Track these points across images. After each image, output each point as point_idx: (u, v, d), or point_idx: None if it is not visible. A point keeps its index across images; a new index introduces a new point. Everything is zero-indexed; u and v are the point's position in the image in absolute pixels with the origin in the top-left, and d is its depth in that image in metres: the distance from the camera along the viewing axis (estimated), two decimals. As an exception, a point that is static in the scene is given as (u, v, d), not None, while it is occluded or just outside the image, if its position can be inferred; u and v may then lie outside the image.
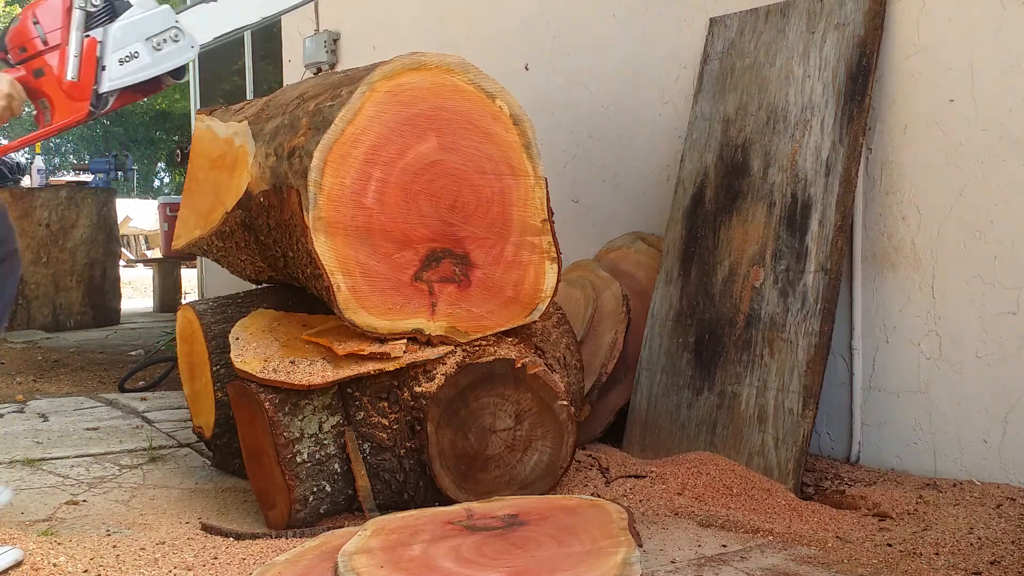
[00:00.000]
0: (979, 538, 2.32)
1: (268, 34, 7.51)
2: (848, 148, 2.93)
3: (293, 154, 2.59)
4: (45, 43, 2.18)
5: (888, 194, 3.01)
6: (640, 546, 2.06)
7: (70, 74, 2.18)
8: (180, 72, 2.35)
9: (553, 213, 2.71)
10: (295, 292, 3.07)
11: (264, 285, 3.33)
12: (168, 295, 9.23)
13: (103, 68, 2.22)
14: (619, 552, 1.99)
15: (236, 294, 3.25)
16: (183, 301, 7.44)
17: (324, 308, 2.76)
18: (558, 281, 2.72)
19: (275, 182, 2.66)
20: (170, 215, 9.11)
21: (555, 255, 2.69)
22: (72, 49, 2.18)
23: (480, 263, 2.61)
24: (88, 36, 2.21)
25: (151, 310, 9.35)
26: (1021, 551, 2.24)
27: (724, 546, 2.34)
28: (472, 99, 2.59)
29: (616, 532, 2.12)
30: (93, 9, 2.21)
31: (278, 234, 2.74)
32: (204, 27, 2.40)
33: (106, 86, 2.24)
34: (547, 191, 2.69)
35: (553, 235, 2.70)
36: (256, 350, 2.62)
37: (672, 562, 2.21)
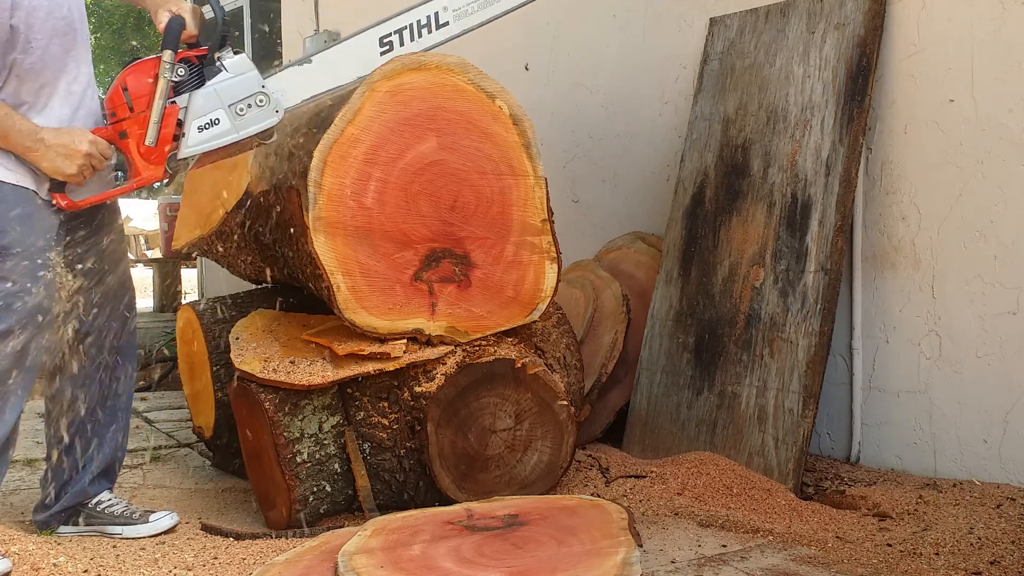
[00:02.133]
0: (979, 538, 2.32)
1: (268, 34, 7.51)
2: (848, 148, 2.93)
3: (293, 154, 2.59)
4: (131, 109, 2.26)
5: (888, 194, 3.01)
6: (640, 546, 2.06)
7: (148, 139, 2.24)
8: (267, 134, 2.38)
9: (553, 213, 2.71)
10: (295, 292, 3.07)
11: (264, 285, 3.33)
12: (168, 295, 9.22)
13: (183, 135, 2.28)
14: (619, 552, 1.99)
15: (236, 294, 3.25)
16: (183, 301, 7.42)
17: (324, 308, 2.76)
18: (558, 281, 2.71)
19: (275, 182, 2.66)
20: (170, 215, 9.08)
21: (555, 255, 2.69)
22: (154, 116, 2.24)
23: (480, 263, 2.61)
24: (172, 102, 2.27)
25: (151, 310, 9.34)
26: (1021, 551, 2.24)
27: (724, 546, 2.34)
28: (472, 99, 2.59)
29: (616, 532, 2.12)
30: (178, 79, 2.27)
31: (278, 234, 2.74)
32: (298, 89, 2.43)
33: (183, 152, 2.29)
34: (547, 191, 2.69)
35: (553, 235, 2.70)
36: (256, 350, 2.62)
37: (672, 562, 2.21)
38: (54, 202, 2.26)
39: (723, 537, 2.41)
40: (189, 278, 10.55)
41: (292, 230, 2.60)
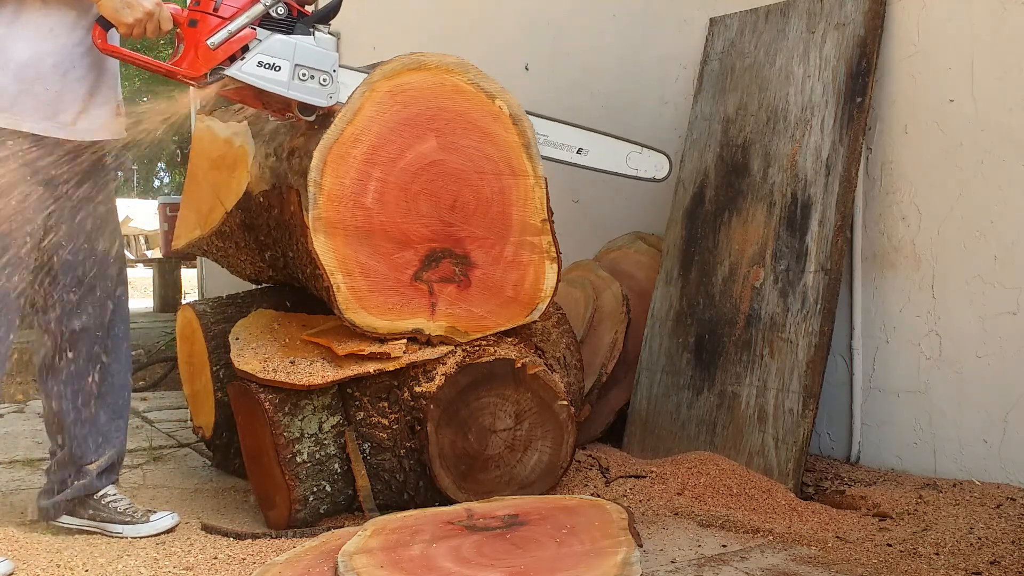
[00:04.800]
0: (979, 538, 2.32)
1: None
2: (848, 148, 2.93)
3: (293, 154, 2.59)
4: (216, 9, 2.29)
5: (888, 194, 3.01)
6: (640, 546, 2.06)
7: (213, 40, 2.27)
8: (309, 110, 2.41)
9: (553, 213, 2.71)
10: (295, 292, 3.07)
11: (264, 285, 3.33)
12: (168, 295, 9.22)
13: (242, 58, 2.31)
14: (619, 552, 1.99)
15: (236, 294, 3.25)
16: (183, 301, 7.43)
17: (324, 308, 2.76)
18: (558, 281, 2.71)
19: (275, 182, 2.66)
20: (170, 215, 9.09)
21: (555, 255, 2.69)
22: (232, 26, 2.28)
23: (480, 263, 2.61)
24: (253, 29, 2.31)
25: (151, 310, 9.34)
26: (1021, 551, 2.24)
27: (724, 546, 2.34)
28: (472, 99, 2.59)
29: (616, 532, 2.12)
30: (275, 15, 2.33)
31: (278, 234, 2.74)
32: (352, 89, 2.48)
33: (231, 72, 2.32)
34: (547, 191, 2.69)
35: (553, 235, 2.70)
36: (256, 350, 2.62)
37: (672, 562, 2.21)
38: (92, 35, 2.27)
39: (723, 537, 2.42)
40: (189, 278, 10.54)
41: (292, 230, 2.60)
